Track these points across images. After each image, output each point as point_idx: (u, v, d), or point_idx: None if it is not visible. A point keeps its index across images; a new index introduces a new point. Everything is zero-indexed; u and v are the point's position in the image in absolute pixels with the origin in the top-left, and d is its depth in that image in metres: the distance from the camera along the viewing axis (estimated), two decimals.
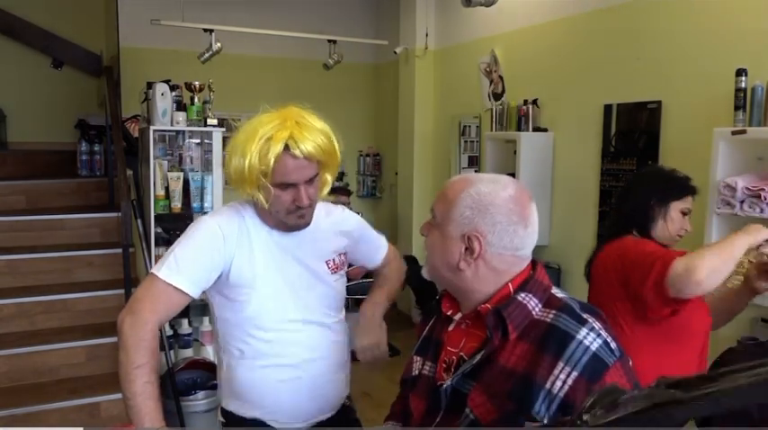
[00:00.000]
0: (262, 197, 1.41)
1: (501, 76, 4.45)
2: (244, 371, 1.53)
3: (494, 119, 4.29)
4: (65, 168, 4.84)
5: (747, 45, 2.72)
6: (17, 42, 5.49)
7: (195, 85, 3.56)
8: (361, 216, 1.84)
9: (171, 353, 3.48)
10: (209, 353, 3.50)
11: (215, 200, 3.46)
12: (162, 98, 3.42)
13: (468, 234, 1.07)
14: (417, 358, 1.22)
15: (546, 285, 1.11)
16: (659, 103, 3.17)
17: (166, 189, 3.44)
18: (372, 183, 6.49)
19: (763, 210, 2.42)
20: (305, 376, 1.53)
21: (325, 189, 1.54)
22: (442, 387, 1.09)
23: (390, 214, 6.12)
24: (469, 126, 5.03)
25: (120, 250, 3.57)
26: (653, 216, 1.87)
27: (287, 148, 1.37)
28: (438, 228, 1.12)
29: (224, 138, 3.66)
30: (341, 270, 1.63)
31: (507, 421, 0.99)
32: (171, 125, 3.48)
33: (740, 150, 2.60)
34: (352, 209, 5.91)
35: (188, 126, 3.52)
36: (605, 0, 3.50)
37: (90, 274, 3.87)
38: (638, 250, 1.77)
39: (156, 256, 3.37)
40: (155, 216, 3.42)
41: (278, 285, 1.50)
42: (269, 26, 5.07)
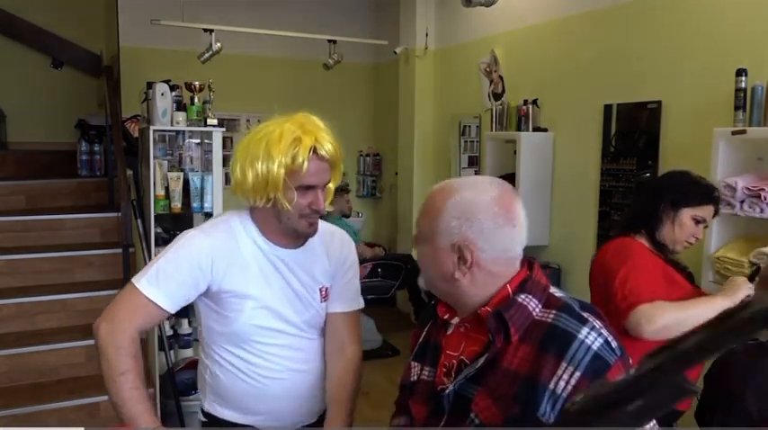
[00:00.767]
0: (284, 199, 1.40)
1: (501, 76, 4.45)
2: (229, 380, 1.52)
3: (494, 119, 4.29)
4: (65, 168, 4.84)
5: (747, 45, 2.72)
6: (17, 42, 5.50)
7: (195, 85, 3.56)
8: (361, 216, 1.81)
9: (171, 353, 3.48)
10: None
11: (215, 200, 3.46)
12: (162, 98, 3.42)
13: (458, 243, 1.06)
14: (415, 364, 1.21)
15: (544, 285, 1.11)
16: (659, 103, 3.17)
17: (166, 189, 3.43)
18: (372, 183, 6.49)
19: (763, 210, 2.42)
20: (293, 388, 1.53)
21: (329, 198, 1.51)
22: (444, 392, 1.08)
23: (390, 214, 6.12)
24: (469, 126, 5.03)
25: (120, 250, 3.57)
26: (661, 218, 1.85)
27: (315, 150, 1.38)
28: (426, 240, 1.11)
29: (224, 139, 3.67)
30: (327, 299, 1.59)
31: (513, 423, 0.99)
32: (171, 125, 3.47)
33: (740, 150, 2.60)
34: (352, 208, 5.85)
35: (188, 126, 3.52)
36: (605, 0, 3.50)
37: (90, 274, 3.87)
38: (611, 274, 1.77)
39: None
40: (155, 216, 3.41)
41: (269, 304, 1.48)
42: (269, 26, 5.07)
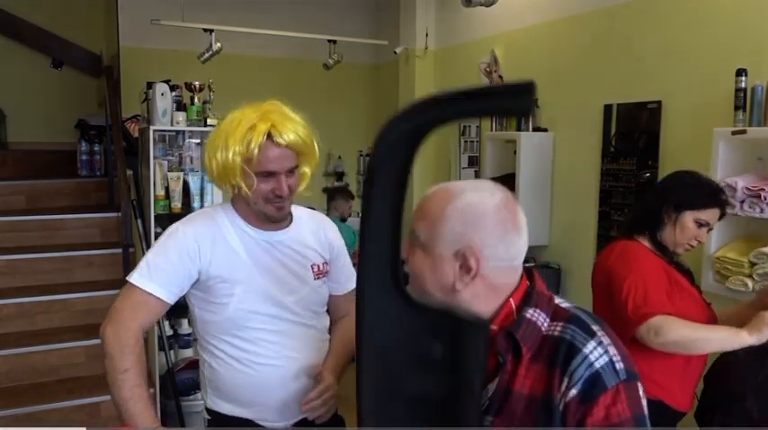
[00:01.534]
0: (244, 185, 1.44)
1: (501, 76, 4.45)
2: (227, 371, 1.53)
3: (494, 119, 4.28)
4: (65, 168, 4.84)
5: (747, 45, 2.71)
6: (17, 42, 5.49)
7: (195, 85, 3.56)
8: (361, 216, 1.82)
9: (171, 353, 3.48)
10: None
11: (215, 200, 3.46)
12: (162, 98, 3.42)
13: (462, 251, 0.97)
14: None
15: (549, 296, 1.04)
16: (659, 103, 3.17)
17: (166, 189, 3.44)
18: None
19: (763, 210, 2.42)
20: (289, 375, 1.53)
21: (304, 183, 1.55)
22: None
23: None
24: (469, 126, 5.03)
25: (120, 250, 3.57)
26: (663, 220, 1.84)
27: (270, 137, 1.41)
28: (424, 248, 1.00)
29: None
30: (324, 276, 1.62)
31: None
32: (171, 125, 3.47)
33: (740, 150, 2.60)
34: (351, 213, 5.81)
35: (188, 126, 3.52)
36: (605, 0, 3.50)
37: (90, 274, 3.87)
38: (617, 281, 1.76)
39: None
40: (155, 216, 3.42)
41: (260, 287, 1.50)
42: (269, 26, 5.07)
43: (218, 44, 4.56)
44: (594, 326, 0.98)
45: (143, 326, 1.46)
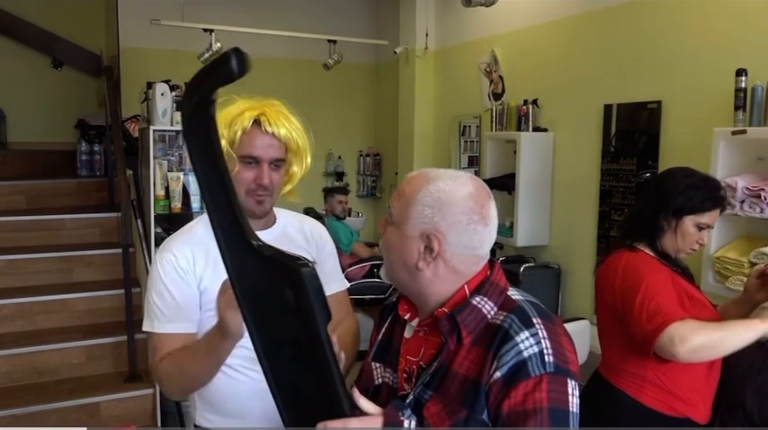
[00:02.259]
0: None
1: (501, 76, 4.45)
2: (217, 381, 1.41)
3: (494, 119, 4.29)
4: (65, 168, 4.84)
5: (747, 45, 2.71)
6: (17, 42, 5.49)
7: None
8: (361, 216, 1.79)
9: None
10: None
11: None
12: (162, 98, 3.42)
13: (428, 233, 1.03)
14: (376, 365, 1.18)
15: (502, 287, 1.08)
16: (659, 103, 3.17)
17: (166, 189, 3.43)
18: (372, 183, 6.49)
19: (763, 210, 2.42)
20: None
21: (290, 184, 1.49)
22: (405, 400, 1.05)
23: None
24: (469, 126, 5.03)
25: (120, 250, 3.57)
26: (662, 227, 1.74)
27: (257, 123, 1.38)
28: (395, 226, 1.08)
29: None
30: None
31: (458, 426, 0.98)
32: (171, 125, 3.47)
33: (740, 150, 2.60)
34: (350, 209, 5.84)
35: None
36: (605, 0, 3.50)
37: (90, 274, 3.87)
38: (627, 296, 1.66)
39: None
40: (155, 216, 3.42)
41: None
42: (269, 26, 5.07)
43: (218, 44, 4.56)
44: (536, 319, 1.01)
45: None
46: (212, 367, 1.29)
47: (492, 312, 1.04)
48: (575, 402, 0.97)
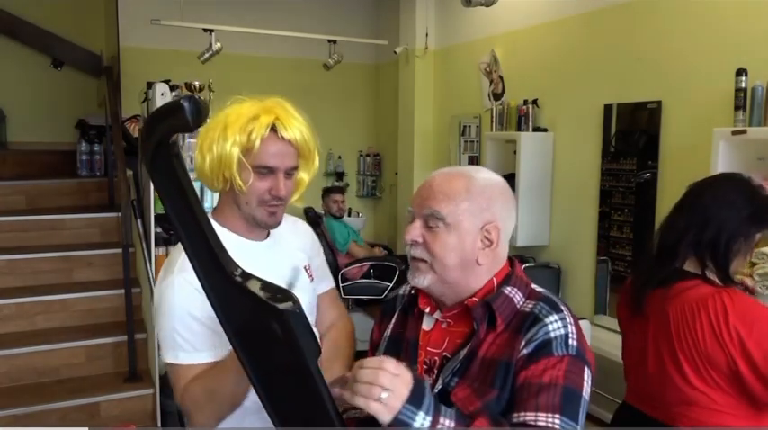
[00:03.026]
0: (239, 179, 1.29)
1: (501, 76, 4.45)
2: None
3: (494, 119, 4.29)
4: (65, 168, 4.84)
5: (747, 45, 2.72)
6: (17, 42, 5.49)
7: (195, 85, 3.57)
8: (361, 216, 1.76)
9: None
10: None
11: (215, 200, 3.45)
12: (162, 98, 3.42)
13: (487, 226, 1.07)
14: None
15: (527, 280, 1.13)
16: (659, 103, 3.17)
17: None
18: (372, 183, 6.49)
19: None
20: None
21: (299, 191, 1.42)
22: (432, 389, 1.03)
23: (390, 214, 6.12)
24: (469, 126, 5.03)
25: (120, 250, 3.57)
26: (738, 249, 1.48)
27: (273, 129, 1.30)
28: (451, 227, 1.06)
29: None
30: (313, 278, 1.49)
31: (491, 407, 0.99)
32: None
33: (740, 150, 2.60)
34: (350, 209, 5.81)
35: None
36: (605, 0, 3.50)
37: (90, 274, 3.87)
38: (738, 343, 1.38)
39: (157, 257, 3.37)
40: (155, 216, 3.41)
41: None
42: (269, 26, 5.07)
43: (218, 44, 4.56)
44: (563, 307, 1.07)
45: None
46: (247, 382, 1.09)
47: (521, 301, 1.08)
48: (587, 389, 1.01)
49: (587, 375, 1.02)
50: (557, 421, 0.95)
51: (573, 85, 3.78)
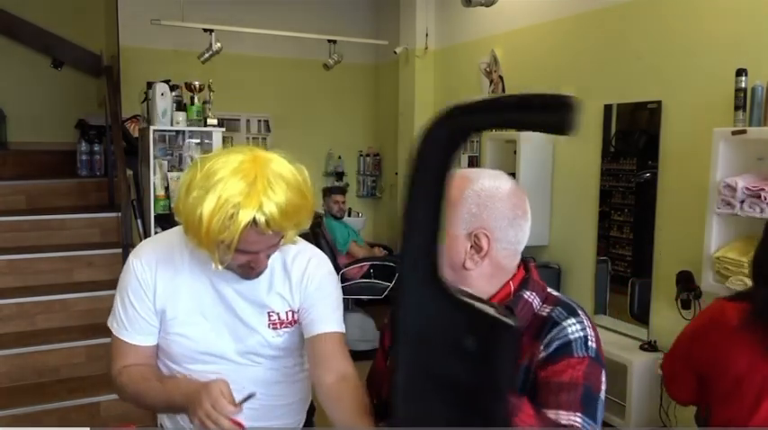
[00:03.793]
0: (216, 258, 1.23)
1: (501, 76, 4.45)
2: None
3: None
4: (65, 168, 4.84)
5: (747, 45, 2.71)
6: (17, 42, 5.50)
7: (195, 85, 3.57)
8: (361, 216, 1.71)
9: None
10: None
11: None
12: (162, 98, 3.43)
13: (476, 231, 1.06)
14: None
15: (543, 285, 1.13)
16: (659, 102, 3.17)
17: (166, 189, 3.44)
18: (372, 183, 6.49)
19: (763, 210, 2.42)
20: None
21: (292, 237, 1.32)
22: None
23: (390, 214, 6.12)
24: None
25: (120, 250, 3.57)
26: None
27: (254, 223, 1.15)
28: None
29: (224, 138, 3.66)
30: (286, 327, 1.38)
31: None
32: (171, 125, 3.48)
33: (740, 150, 2.60)
34: (350, 209, 5.80)
35: (188, 126, 3.53)
36: (605, 0, 3.50)
37: (90, 274, 3.87)
38: None
39: None
40: (155, 216, 3.42)
41: (200, 328, 1.35)
42: (269, 26, 5.07)
43: (218, 44, 4.56)
44: (580, 311, 1.08)
45: (138, 364, 1.36)
46: (166, 411, 1.33)
47: (539, 306, 1.09)
48: (603, 390, 1.03)
49: (604, 378, 1.04)
50: (578, 419, 0.97)
51: (573, 85, 3.77)
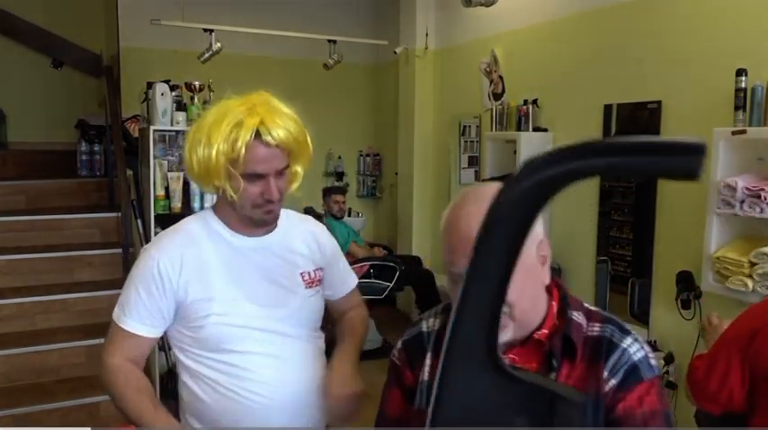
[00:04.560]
0: (230, 188, 1.31)
1: (501, 76, 4.45)
2: (208, 396, 1.38)
3: (494, 119, 4.29)
4: (65, 168, 4.84)
5: (747, 45, 2.71)
6: (17, 42, 5.50)
7: (195, 85, 3.57)
8: (361, 216, 1.80)
9: (171, 352, 3.48)
10: None
11: (215, 199, 3.46)
12: (162, 98, 3.42)
13: (538, 244, 0.99)
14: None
15: (578, 299, 1.07)
16: (659, 103, 3.17)
17: (166, 189, 3.44)
18: (372, 183, 6.49)
19: (763, 210, 2.42)
20: (276, 399, 1.36)
21: (296, 183, 1.42)
22: None
23: (390, 214, 6.12)
24: (469, 126, 5.03)
25: (120, 250, 3.57)
26: None
27: (258, 135, 1.26)
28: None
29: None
30: (317, 286, 1.47)
31: None
32: (171, 125, 3.48)
33: (740, 150, 2.60)
34: (350, 209, 5.84)
35: (188, 126, 3.52)
36: (605, 0, 3.50)
37: (90, 274, 3.87)
38: None
39: None
40: (155, 216, 3.42)
41: (240, 302, 1.36)
42: (269, 26, 5.07)
43: (218, 44, 4.56)
44: (627, 326, 1.03)
45: (131, 359, 1.37)
46: (132, 423, 1.35)
47: (586, 325, 1.02)
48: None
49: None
50: None
51: (573, 85, 3.78)
